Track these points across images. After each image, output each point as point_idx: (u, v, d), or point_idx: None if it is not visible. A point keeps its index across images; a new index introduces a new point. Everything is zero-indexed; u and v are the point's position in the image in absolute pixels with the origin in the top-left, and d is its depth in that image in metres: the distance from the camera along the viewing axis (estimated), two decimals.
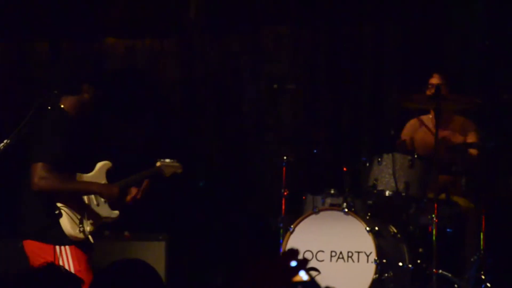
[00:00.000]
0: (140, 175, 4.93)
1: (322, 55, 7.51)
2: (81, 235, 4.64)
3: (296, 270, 1.73)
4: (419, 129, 6.48)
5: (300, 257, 1.77)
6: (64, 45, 7.63)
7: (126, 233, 6.29)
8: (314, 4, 7.55)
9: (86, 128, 4.86)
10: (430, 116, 6.40)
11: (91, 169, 4.81)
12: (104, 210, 4.80)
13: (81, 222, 4.66)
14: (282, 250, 5.94)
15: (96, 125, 4.97)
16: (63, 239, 4.61)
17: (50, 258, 4.53)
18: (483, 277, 5.85)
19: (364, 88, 7.39)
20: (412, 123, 6.53)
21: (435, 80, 6.19)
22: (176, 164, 5.16)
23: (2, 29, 7.52)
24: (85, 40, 7.46)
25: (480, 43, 7.17)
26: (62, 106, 4.74)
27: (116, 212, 4.85)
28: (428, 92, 6.08)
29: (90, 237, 4.69)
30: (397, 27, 7.39)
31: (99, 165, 4.84)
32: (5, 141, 4.68)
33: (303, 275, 1.73)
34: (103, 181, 4.80)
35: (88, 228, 4.69)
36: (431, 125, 6.36)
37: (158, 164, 5.09)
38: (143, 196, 4.89)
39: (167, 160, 5.11)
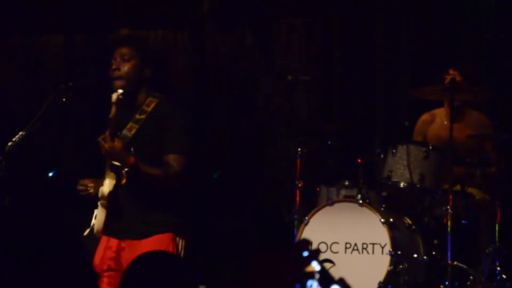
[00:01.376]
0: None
1: (335, 46, 7.50)
2: (87, 232, 4.55)
3: (308, 261, 1.73)
4: (432, 123, 6.46)
5: (312, 247, 1.77)
6: (78, 38, 7.64)
7: None
8: None
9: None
10: (444, 109, 6.39)
11: None
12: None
13: (94, 217, 4.56)
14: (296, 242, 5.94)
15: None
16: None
17: None
18: (498, 268, 5.83)
19: (378, 79, 7.38)
20: (424, 118, 6.50)
21: (451, 75, 6.14)
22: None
23: (17, 23, 7.54)
24: (99, 32, 7.46)
25: (493, 35, 7.14)
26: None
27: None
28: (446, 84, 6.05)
29: (93, 230, 4.51)
30: (410, 18, 7.37)
31: None
32: (20, 133, 4.70)
33: (315, 266, 1.72)
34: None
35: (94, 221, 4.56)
36: (444, 118, 6.35)
37: None
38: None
39: None
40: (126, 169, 4.38)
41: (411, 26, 7.37)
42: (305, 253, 1.75)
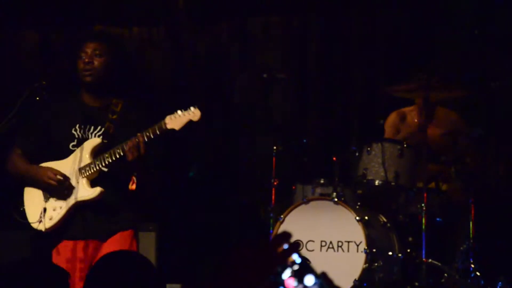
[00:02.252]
0: (129, 142, 4.32)
1: (311, 44, 7.51)
2: (39, 226, 4.47)
3: (288, 253, 1.73)
4: (403, 122, 6.49)
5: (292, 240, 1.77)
6: (53, 35, 7.59)
7: None
8: None
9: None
10: (414, 107, 6.43)
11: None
12: (78, 192, 4.43)
13: (44, 211, 4.49)
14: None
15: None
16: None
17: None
18: (472, 266, 5.87)
19: (353, 78, 7.39)
20: (392, 118, 6.51)
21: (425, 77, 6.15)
22: (188, 112, 4.34)
23: None
24: (74, 29, 7.41)
25: (469, 32, 7.17)
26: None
27: (94, 190, 4.44)
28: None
29: (44, 226, 4.44)
30: (387, 16, 7.39)
31: (83, 145, 4.52)
32: None
33: (296, 259, 1.73)
34: (88, 161, 4.47)
35: (49, 217, 4.45)
36: (416, 116, 6.39)
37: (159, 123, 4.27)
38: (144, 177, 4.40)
39: (175, 114, 4.33)
40: (136, 174, 4.34)
41: (387, 24, 7.38)
42: (285, 246, 1.75)
